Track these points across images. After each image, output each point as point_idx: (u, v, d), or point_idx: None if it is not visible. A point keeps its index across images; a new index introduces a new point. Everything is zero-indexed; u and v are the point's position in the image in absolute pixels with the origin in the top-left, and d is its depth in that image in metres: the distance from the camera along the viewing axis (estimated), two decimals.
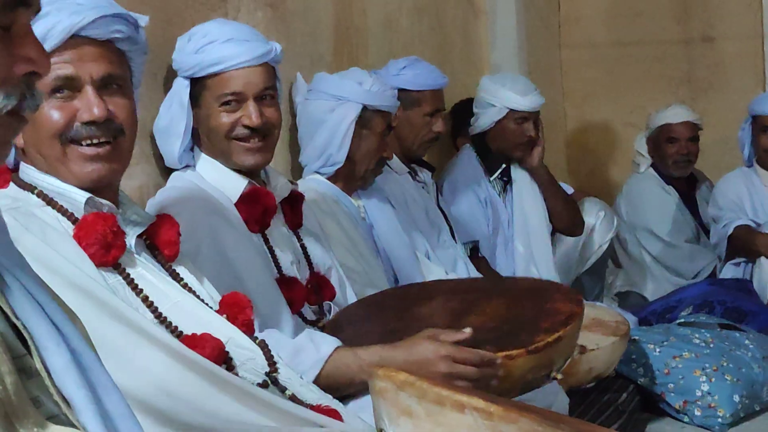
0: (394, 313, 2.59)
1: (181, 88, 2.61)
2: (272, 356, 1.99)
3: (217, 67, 2.53)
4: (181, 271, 2.03)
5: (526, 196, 4.30)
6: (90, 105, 1.85)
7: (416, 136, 3.86)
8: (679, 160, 5.17)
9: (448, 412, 1.32)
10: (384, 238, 3.29)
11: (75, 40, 1.86)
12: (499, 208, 4.27)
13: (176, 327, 1.88)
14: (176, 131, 2.61)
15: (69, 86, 1.86)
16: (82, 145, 1.87)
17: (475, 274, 3.72)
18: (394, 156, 3.69)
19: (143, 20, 2.01)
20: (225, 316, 1.99)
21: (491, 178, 4.29)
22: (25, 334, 1.09)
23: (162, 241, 2.01)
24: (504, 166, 4.30)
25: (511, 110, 4.19)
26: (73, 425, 1.07)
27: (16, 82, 1.08)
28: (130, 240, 1.92)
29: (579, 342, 2.57)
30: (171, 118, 2.62)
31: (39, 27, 1.81)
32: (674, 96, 5.91)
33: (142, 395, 1.68)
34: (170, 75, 2.79)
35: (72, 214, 1.86)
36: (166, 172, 2.76)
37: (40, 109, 1.82)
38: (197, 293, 2.00)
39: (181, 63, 2.61)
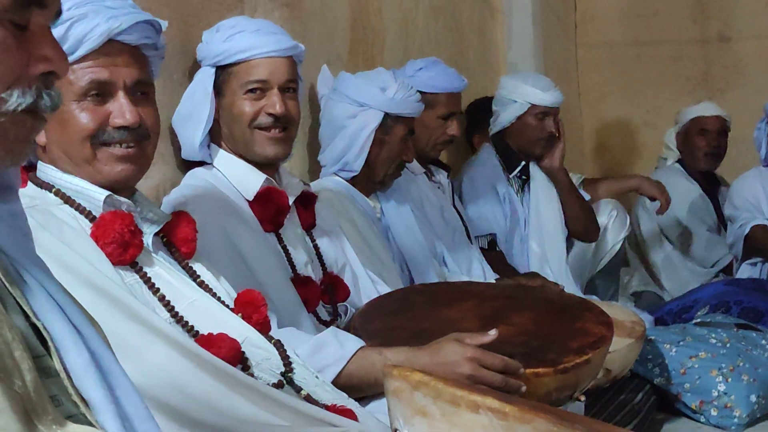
0: (423, 311, 2.59)
1: (206, 77, 2.62)
2: (288, 356, 1.99)
3: (245, 54, 2.55)
4: (198, 268, 2.04)
5: (542, 196, 4.29)
6: (123, 111, 1.89)
7: (429, 138, 3.85)
8: (709, 152, 5.22)
9: (463, 413, 1.32)
10: (400, 239, 3.29)
11: (110, 45, 1.89)
12: (517, 207, 4.27)
13: (192, 326, 1.89)
14: (199, 117, 2.62)
15: (102, 90, 1.89)
16: (111, 146, 1.89)
17: (491, 275, 3.71)
18: None
19: (164, 25, 2.04)
20: (240, 315, 1.99)
21: (510, 176, 4.29)
22: (45, 335, 1.10)
23: (179, 238, 2.02)
24: (523, 163, 4.30)
25: (533, 105, 4.20)
26: (91, 425, 1.07)
27: (32, 81, 1.10)
28: (148, 239, 1.94)
29: None
30: (194, 105, 2.63)
31: (78, 29, 1.85)
32: (691, 96, 5.90)
33: (157, 393, 1.69)
34: (187, 76, 2.81)
35: (90, 212, 1.87)
36: (183, 171, 2.77)
37: (71, 110, 1.86)
38: (214, 291, 2.01)
39: (207, 52, 2.63)
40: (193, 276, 2.00)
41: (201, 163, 2.69)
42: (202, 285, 1.99)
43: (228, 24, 2.65)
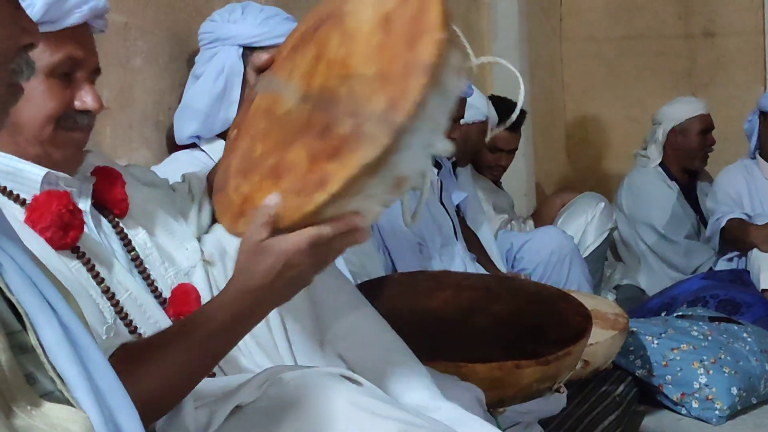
0: (402, 302, 2.58)
1: (235, 58, 2.58)
2: None
3: (283, 39, 2.53)
4: (137, 234, 1.90)
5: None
6: (91, 96, 1.78)
7: None
8: (709, 150, 5.18)
9: None
10: (384, 228, 3.26)
11: (84, 26, 1.79)
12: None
13: (136, 327, 1.78)
14: (231, 97, 2.58)
15: (71, 70, 1.77)
16: (73, 131, 1.79)
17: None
18: None
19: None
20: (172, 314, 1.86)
21: None
22: (20, 310, 1.07)
23: (109, 199, 1.88)
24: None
25: None
26: (68, 401, 1.05)
27: (21, 52, 1.10)
28: (87, 216, 1.81)
29: None
30: (226, 84, 2.58)
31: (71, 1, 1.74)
32: (675, 91, 5.90)
33: None
34: (173, 60, 2.79)
35: (18, 196, 1.74)
36: (165, 156, 2.75)
37: (37, 85, 1.72)
38: (149, 272, 1.87)
39: (236, 32, 2.56)
40: (128, 246, 1.86)
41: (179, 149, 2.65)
42: (135, 260, 1.86)
43: (252, 8, 2.62)
